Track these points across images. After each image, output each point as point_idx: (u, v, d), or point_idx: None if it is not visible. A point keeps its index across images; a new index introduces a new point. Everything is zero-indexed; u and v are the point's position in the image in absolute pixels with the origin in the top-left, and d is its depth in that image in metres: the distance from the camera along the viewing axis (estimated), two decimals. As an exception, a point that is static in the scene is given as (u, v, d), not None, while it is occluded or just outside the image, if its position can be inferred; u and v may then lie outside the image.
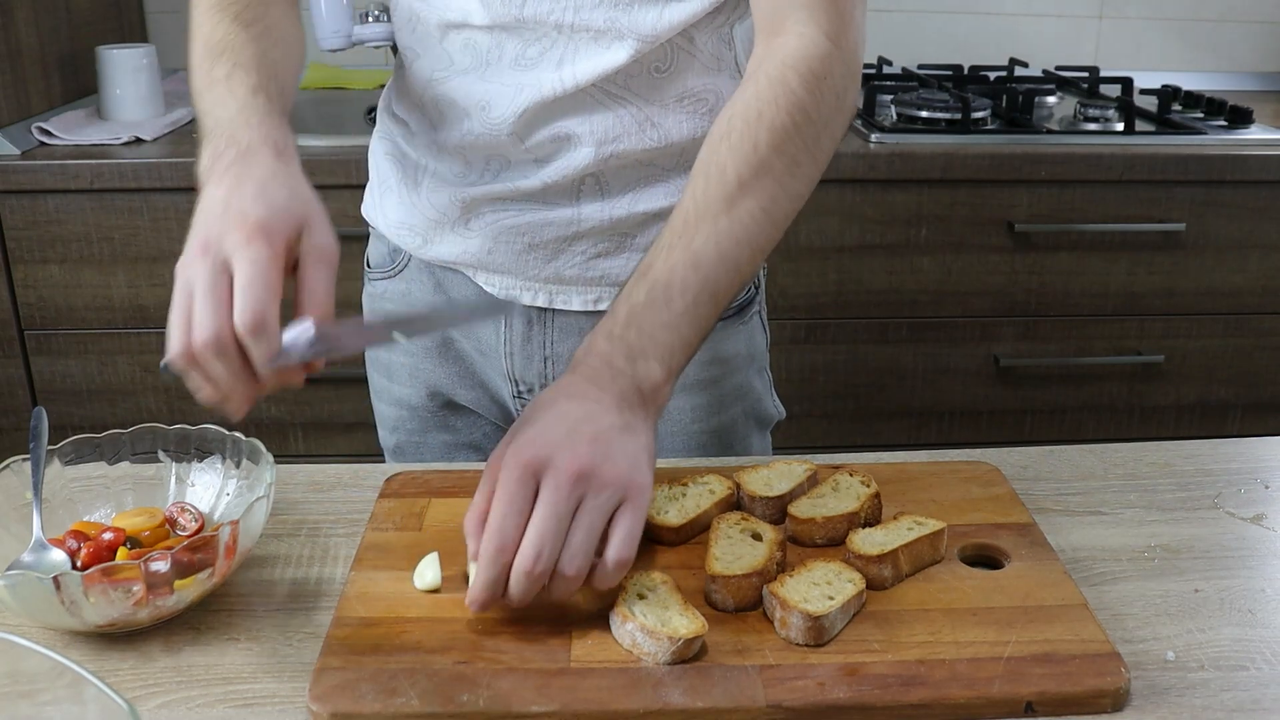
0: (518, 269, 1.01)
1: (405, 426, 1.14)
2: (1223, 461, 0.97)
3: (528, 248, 1.00)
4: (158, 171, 1.78)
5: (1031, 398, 2.05)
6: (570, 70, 0.92)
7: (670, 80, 0.94)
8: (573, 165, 0.96)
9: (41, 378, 1.90)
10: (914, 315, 1.97)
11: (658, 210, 0.98)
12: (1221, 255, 1.97)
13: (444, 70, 0.97)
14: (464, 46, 0.95)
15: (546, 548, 0.70)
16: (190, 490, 0.85)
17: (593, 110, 0.94)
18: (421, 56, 0.98)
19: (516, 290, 1.03)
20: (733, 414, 1.10)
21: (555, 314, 1.03)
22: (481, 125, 0.96)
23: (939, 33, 2.41)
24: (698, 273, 0.81)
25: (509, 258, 1.01)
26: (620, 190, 0.98)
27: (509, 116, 0.94)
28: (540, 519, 0.70)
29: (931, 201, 1.90)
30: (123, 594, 0.70)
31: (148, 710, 0.67)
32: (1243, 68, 2.51)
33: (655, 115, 0.95)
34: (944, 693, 0.67)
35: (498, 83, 0.94)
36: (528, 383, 1.06)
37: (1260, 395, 2.09)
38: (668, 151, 0.97)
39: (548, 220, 0.99)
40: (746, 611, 0.74)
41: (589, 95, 0.93)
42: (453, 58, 0.96)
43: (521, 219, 0.99)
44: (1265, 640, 0.74)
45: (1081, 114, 2.07)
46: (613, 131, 0.94)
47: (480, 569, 0.71)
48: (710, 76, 0.96)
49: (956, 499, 0.87)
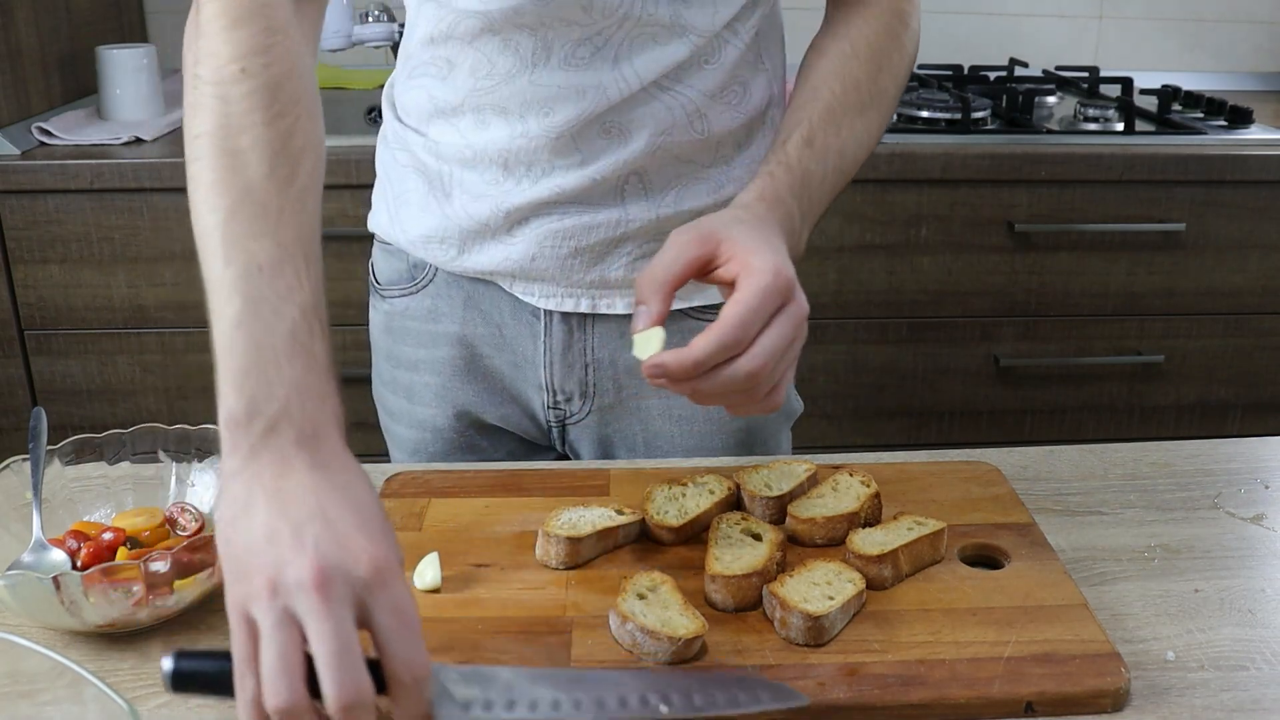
0: (561, 275, 0.98)
1: (428, 449, 1.09)
2: (1223, 461, 0.97)
3: (573, 253, 0.97)
4: (158, 171, 1.78)
5: (1031, 398, 2.05)
6: (630, 67, 0.90)
7: (717, 72, 0.94)
8: (621, 161, 0.93)
9: (41, 378, 1.90)
10: (914, 315, 1.97)
11: (700, 208, 0.97)
12: (1221, 255, 1.97)
13: (487, 77, 0.92)
14: (503, 48, 0.91)
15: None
16: (190, 490, 0.85)
17: (647, 103, 0.92)
18: (458, 66, 0.93)
19: (557, 298, 0.99)
20: None
21: (596, 320, 1.01)
22: (539, 128, 0.92)
23: (939, 33, 2.41)
24: (842, 160, 0.88)
25: (553, 264, 0.97)
26: (663, 188, 0.96)
27: (573, 119, 0.91)
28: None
29: (931, 201, 1.90)
30: (123, 594, 0.70)
31: (148, 710, 0.67)
32: (1243, 68, 2.51)
33: (704, 106, 0.94)
34: (944, 693, 0.67)
35: (552, 85, 0.90)
36: (566, 391, 1.04)
37: (1260, 395, 2.09)
38: (708, 144, 0.96)
39: (594, 223, 0.96)
40: (746, 611, 0.74)
41: (647, 90, 0.92)
42: (493, 62, 0.91)
43: (567, 223, 0.96)
44: (1265, 640, 0.74)
45: (1081, 114, 2.07)
46: (664, 124, 0.93)
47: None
48: (746, 68, 0.96)
49: (956, 499, 0.87)
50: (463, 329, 1.03)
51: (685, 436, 1.05)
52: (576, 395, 1.04)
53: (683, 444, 1.06)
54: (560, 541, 0.79)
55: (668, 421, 1.05)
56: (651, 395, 1.04)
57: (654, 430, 1.05)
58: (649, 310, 0.74)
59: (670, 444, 1.06)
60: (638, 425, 1.05)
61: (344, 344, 1.90)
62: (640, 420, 1.05)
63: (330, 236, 1.96)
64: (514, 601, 0.76)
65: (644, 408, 1.04)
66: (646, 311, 0.74)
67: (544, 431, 1.07)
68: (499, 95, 0.92)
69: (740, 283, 0.73)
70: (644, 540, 0.83)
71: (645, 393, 1.04)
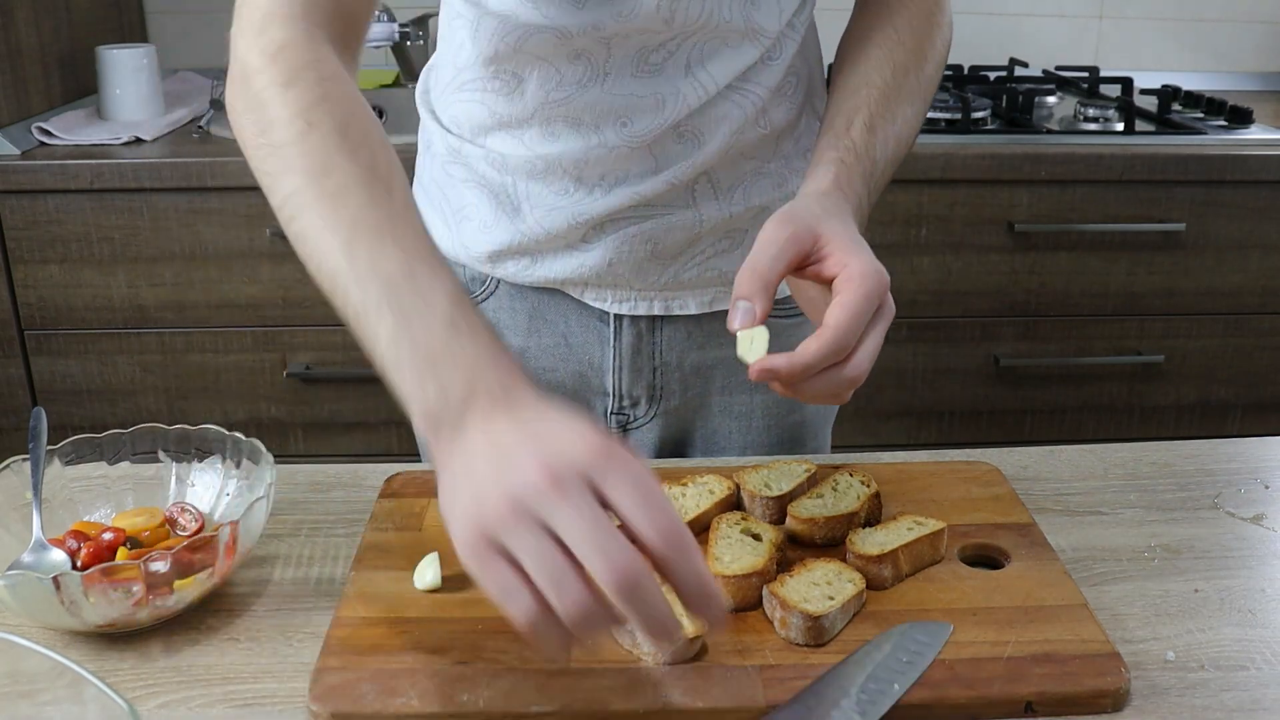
0: (635, 280, 0.98)
1: None
2: (1223, 461, 0.97)
3: (650, 256, 0.97)
4: (158, 171, 1.78)
5: (1031, 398, 2.05)
6: (705, 73, 0.90)
7: (779, 67, 0.94)
8: (694, 164, 0.93)
9: (41, 378, 1.90)
10: (914, 315, 1.97)
11: (767, 204, 0.98)
12: (1221, 255, 1.97)
13: (557, 88, 0.91)
14: (573, 59, 0.90)
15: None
16: (190, 490, 0.85)
17: (720, 105, 0.93)
18: (526, 79, 0.91)
19: (630, 301, 0.99)
20: (810, 408, 1.10)
21: (664, 322, 1.01)
22: (618, 138, 0.92)
23: (939, 33, 2.41)
24: (898, 146, 0.88)
25: (629, 269, 0.97)
26: (730, 186, 0.96)
27: (653, 127, 0.91)
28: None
29: (931, 201, 1.90)
30: (123, 594, 0.70)
31: (148, 710, 0.67)
32: (1243, 68, 2.51)
33: (768, 103, 0.95)
34: (944, 693, 0.67)
35: (627, 94, 0.90)
36: (634, 396, 1.04)
37: (1260, 395, 2.09)
38: (769, 139, 0.97)
39: (671, 225, 0.96)
40: (746, 611, 0.74)
41: (721, 94, 0.92)
42: (562, 73, 0.90)
43: (645, 227, 0.96)
44: (1265, 640, 0.74)
45: (1081, 114, 2.07)
46: (736, 124, 0.93)
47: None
48: (798, 58, 0.97)
49: (956, 499, 0.87)
50: (525, 341, 1.02)
51: (742, 433, 1.07)
52: (644, 399, 1.04)
53: (739, 441, 1.07)
54: (560, 541, 0.79)
55: (726, 418, 1.06)
56: (715, 394, 1.05)
57: (713, 428, 1.07)
58: (752, 308, 0.72)
59: (727, 440, 1.07)
60: (699, 424, 1.07)
61: (343, 344, 1.90)
62: (702, 419, 1.06)
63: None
64: (514, 601, 0.76)
65: (706, 406, 1.06)
66: (749, 309, 0.72)
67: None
68: (572, 107, 0.91)
69: (843, 286, 0.72)
70: (644, 540, 0.83)
71: (710, 391, 1.05)
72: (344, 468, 0.94)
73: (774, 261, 0.73)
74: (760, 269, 0.72)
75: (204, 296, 1.85)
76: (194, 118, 2.02)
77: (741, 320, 0.72)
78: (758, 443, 1.07)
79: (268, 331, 1.89)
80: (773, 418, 1.07)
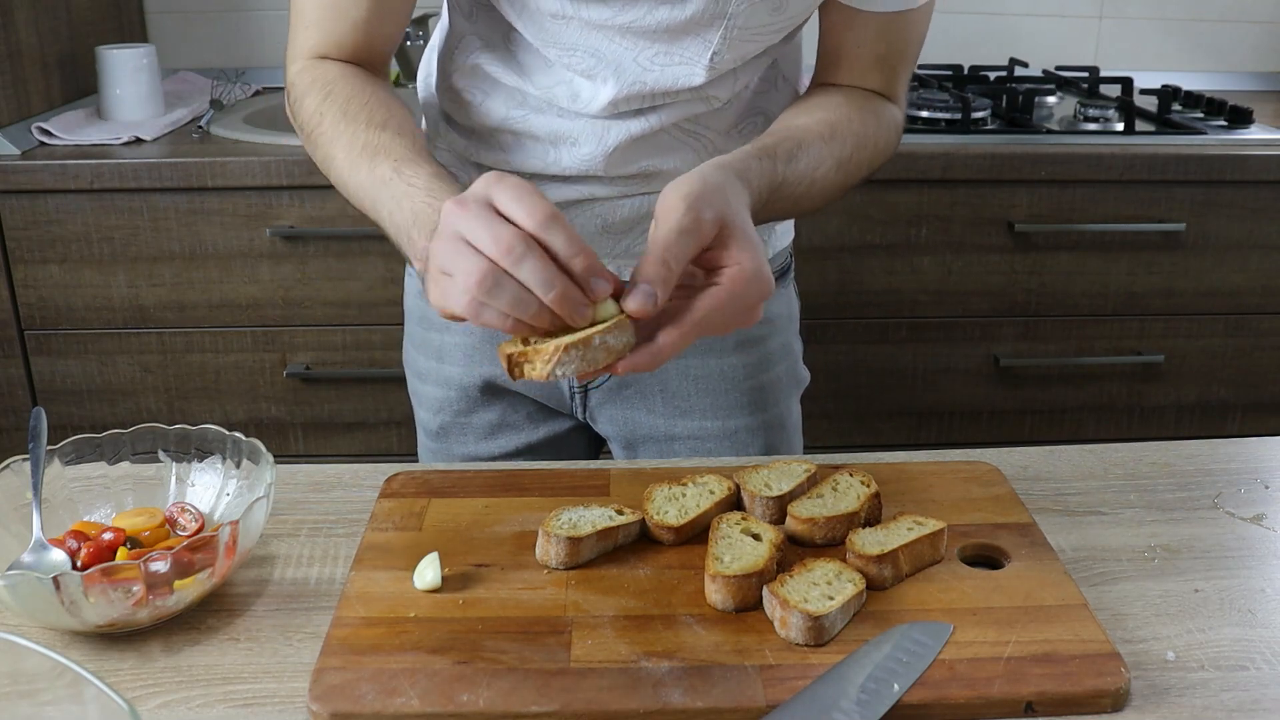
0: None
1: (452, 407, 1.14)
2: (1223, 461, 0.97)
3: (601, 230, 1.03)
4: (158, 171, 1.78)
5: (1031, 398, 2.05)
6: (656, 116, 0.97)
7: (732, 111, 1.00)
8: (649, 183, 1.00)
9: (41, 378, 1.90)
10: (914, 315, 1.97)
11: None
12: (1221, 255, 1.97)
13: (519, 107, 1.00)
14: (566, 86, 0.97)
15: None
16: (190, 490, 0.85)
17: (674, 148, 0.99)
18: (491, 95, 1.01)
19: None
20: (776, 372, 1.14)
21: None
22: (570, 159, 0.99)
23: (939, 33, 2.40)
24: (809, 193, 0.91)
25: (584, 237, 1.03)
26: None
27: (599, 154, 0.98)
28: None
29: (931, 201, 1.90)
30: (123, 594, 0.70)
31: (148, 710, 0.67)
32: (1243, 68, 2.50)
33: (722, 145, 1.00)
34: (944, 693, 0.67)
35: (582, 119, 0.97)
36: None
37: (1260, 395, 2.09)
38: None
39: (619, 207, 1.02)
40: (746, 611, 0.74)
41: (668, 134, 0.98)
42: (525, 95, 0.99)
43: (596, 208, 1.02)
44: (1265, 640, 0.74)
45: (1081, 114, 2.07)
46: (688, 160, 0.99)
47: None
48: (761, 97, 1.03)
49: (956, 499, 0.87)
50: None
51: (701, 395, 1.11)
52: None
53: (699, 404, 1.11)
54: (560, 541, 0.79)
55: (685, 380, 1.11)
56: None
57: (672, 390, 1.11)
58: (654, 293, 0.71)
59: (688, 404, 1.11)
60: (657, 387, 1.11)
61: (343, 344, 1.90)
62: (659, 381, 1.10)
63: (334, 236, 1.96)
64: (514, 601, 0.76)
65: (663, 369, 1.09)
66: (651, 294, 0.71)
67: (566, 399, 1.12)
68: (532, 125, 0.99)
69: (728, 279, 0.74)
70: (644, 540, 0.83)
71: None
72: (344, 468, 0.95)
73: (682, 251, 0.72)
74: (669, 259, 0.72)
75: (204, 296, 1.85)
76: (194, 118, 2.02)
77: (641, 305, 0.71)
78: (720, 405, 1.11)
79: (267, 331, 1.89)
80: (728, 380, 1.11)
